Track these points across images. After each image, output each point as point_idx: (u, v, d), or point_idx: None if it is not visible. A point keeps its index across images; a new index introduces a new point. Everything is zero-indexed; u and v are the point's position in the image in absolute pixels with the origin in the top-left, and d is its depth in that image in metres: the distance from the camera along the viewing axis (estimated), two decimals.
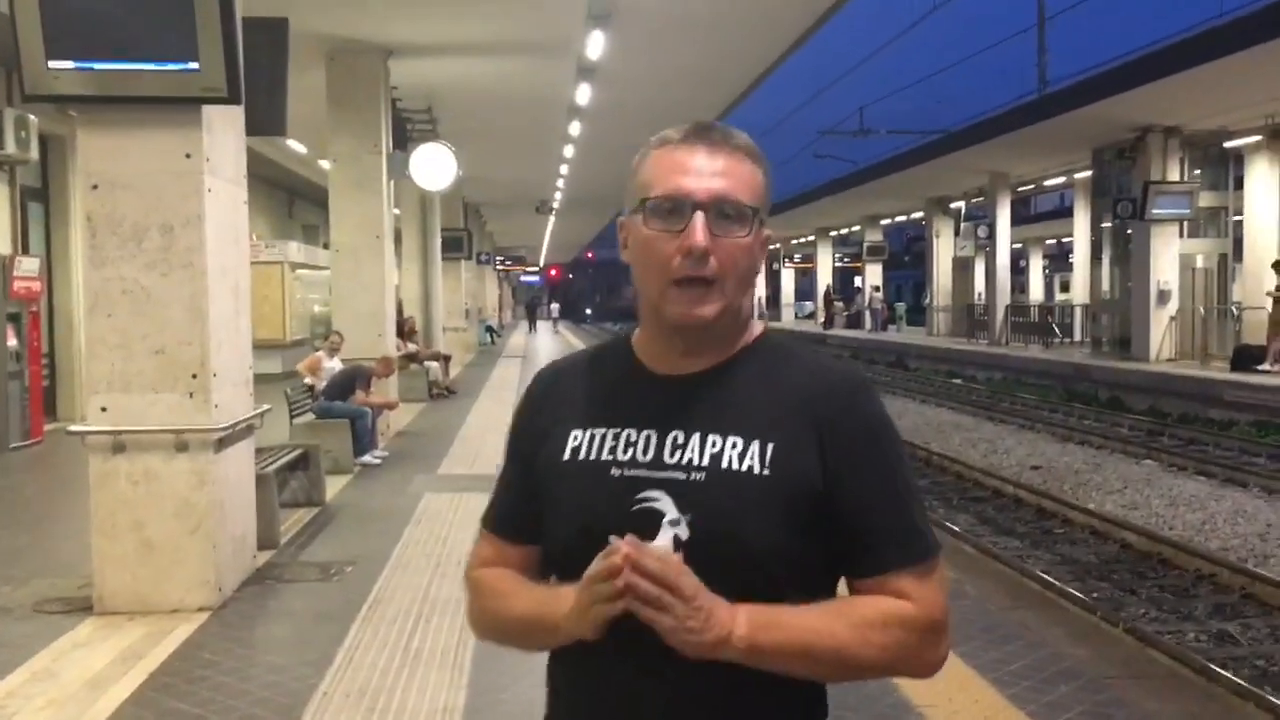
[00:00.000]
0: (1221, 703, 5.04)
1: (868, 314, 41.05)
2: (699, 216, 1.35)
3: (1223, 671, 6.31)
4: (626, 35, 11.98)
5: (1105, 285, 23.96)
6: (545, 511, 1.45)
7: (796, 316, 54.68)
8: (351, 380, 10.86)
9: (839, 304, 45.28)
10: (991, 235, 29.95)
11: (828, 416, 1.38)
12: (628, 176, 1.46)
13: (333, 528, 7.90)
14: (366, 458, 10.64)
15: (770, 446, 1.36)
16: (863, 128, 35.17)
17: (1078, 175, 27.17)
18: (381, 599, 5.91)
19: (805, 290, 57.53)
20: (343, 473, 9.95)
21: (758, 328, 1.47)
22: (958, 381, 25.18)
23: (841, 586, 1.45)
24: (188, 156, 5.70)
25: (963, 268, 34.55)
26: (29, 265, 12.05)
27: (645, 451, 1.39)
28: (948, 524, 10.52)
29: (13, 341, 11.65)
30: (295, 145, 19.35)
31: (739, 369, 1.43)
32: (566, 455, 1.44)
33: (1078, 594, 8.04)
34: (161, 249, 5.69)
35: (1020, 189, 31.41)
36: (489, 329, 38.68)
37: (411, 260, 20.96)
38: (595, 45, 12.18)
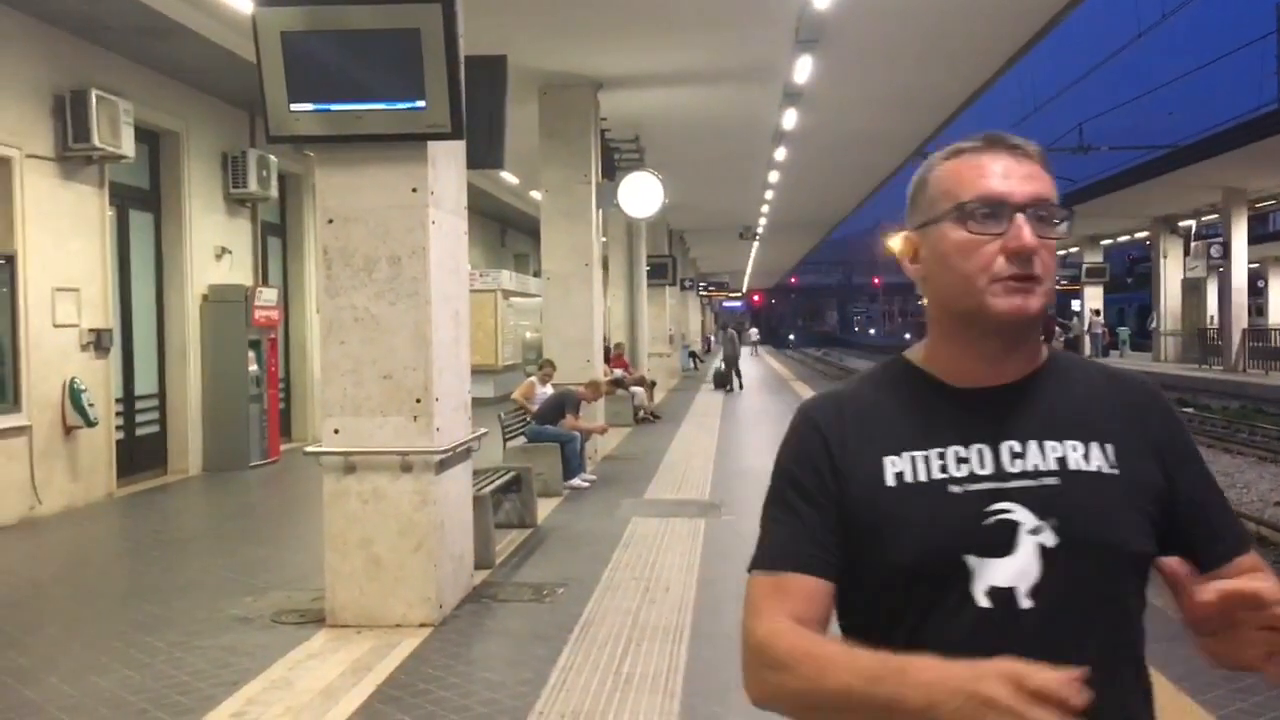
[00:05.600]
0: None
1: (1088, 339, 39.16)
2: (1021, 218, 1.35)
3: None
4: (834, 59, 11.87)
5: None
6: (868, 544, 1.37)
7: None
8: (561, 405, 11.12)
9: (1058, 328, 43.34)
10: (1226, 254, 28.10)
11: (1152, 418, 1.43)
12: (913, 192, 1.47)
13: (544, 549, 8.07)
14: (576, 481, 10.85)
15: (1110, 448, 1.37)
16: (1082, 144, 33.61)
17: None
18: (592, 621, 5.99)
19: None
20: (553, 495, 10.18)
21: (1044, 348, 1.48)
22: (1189, 410, 23.62)
23: None
24: (414, 191, 5.98)
25: (1193, 289, 32.51)
26: (268, 295, 12.91)
27: (982, 465, 1.36)
28: None
29: (254, 367, 12.50)
30: (508, 177, 20.05)
31: (1047, 379, 1.43)
32: (890, 482, 1.38)
33: None
34: (389, 279, 5.98)
35: (1258, 205, 29.36)
36: (692, 354, 38.92)
37: (617, 286, 21.34)
38: (802, 70, 12.12)
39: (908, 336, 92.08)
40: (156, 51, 10.71)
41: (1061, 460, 1.36)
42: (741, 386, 26.20)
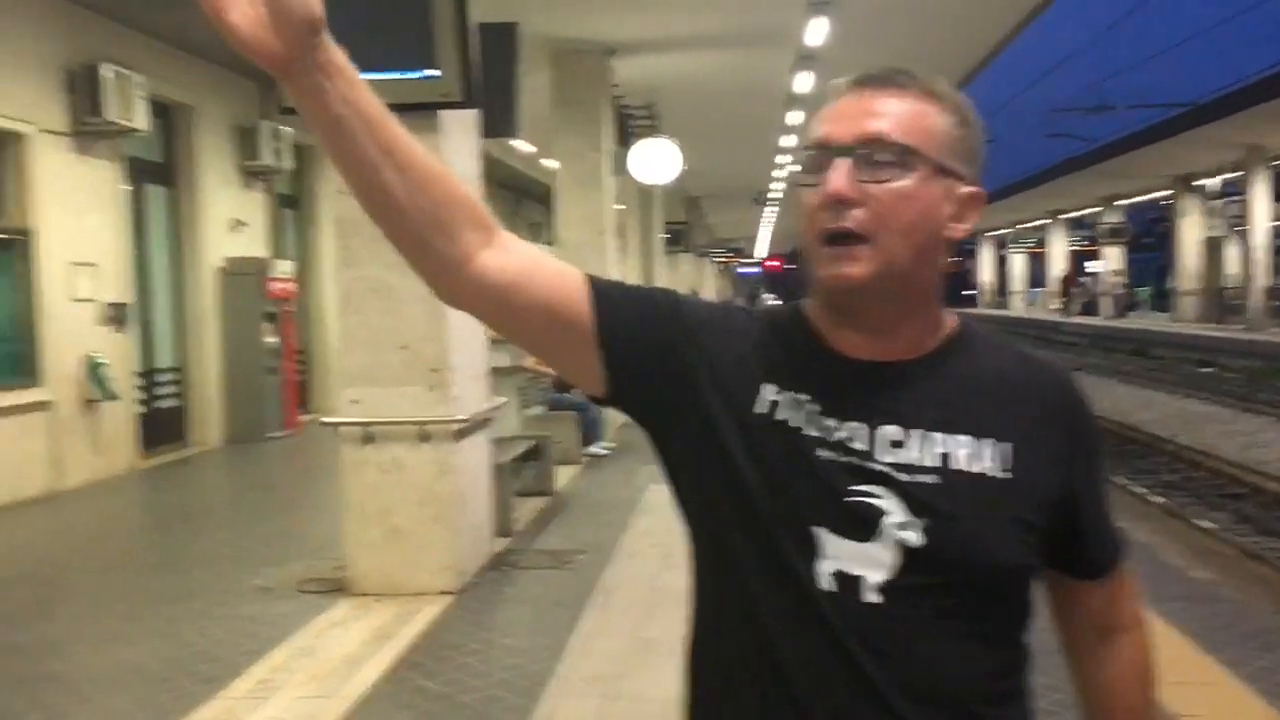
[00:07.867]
0: None
1: (1106, 299, 38.94)
2: (840, 163, 1.16)
3: None
4: (847, 21, 11.75)
5: None
6: (722, 473, 1.23)
7: (1030, 304, 52.60)
8: None
9: (1077, 288, 43.08)
10: (1245, 213, 27.85)
11: (1065, 419, 1.26)
12: None
13: (563, 517, 8.11)
14: (594, 449, 10.88)
15: (1008, 447, 1.20)
16: (1101, 103, 33.27)
17: None
18: (612, 587, 6.02)
19: (1035, 276, 55.12)
20: (571, 463, 10.21)
21: (951, 317, 1.28)
22: (1208, 370, 23.50)
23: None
24: None
25: (1212, 249, 32.26)
26: (285, 267, 12.94)
27: (853, 442, 1.19)
28: (1200, 523, 9.83)
29: (271, 339, 12.55)
30: (522, 145, 19.97)
31: (947, 359, 1.24)
32: (759, 408, 1.22)
33: None
34: None
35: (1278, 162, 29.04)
36: None
37: (634, 255, 21.28)
38: (816, 32, 12.01)
39: None
40: (167, 24, 10.68)
41: (945, 457, 1.18)
42: None
